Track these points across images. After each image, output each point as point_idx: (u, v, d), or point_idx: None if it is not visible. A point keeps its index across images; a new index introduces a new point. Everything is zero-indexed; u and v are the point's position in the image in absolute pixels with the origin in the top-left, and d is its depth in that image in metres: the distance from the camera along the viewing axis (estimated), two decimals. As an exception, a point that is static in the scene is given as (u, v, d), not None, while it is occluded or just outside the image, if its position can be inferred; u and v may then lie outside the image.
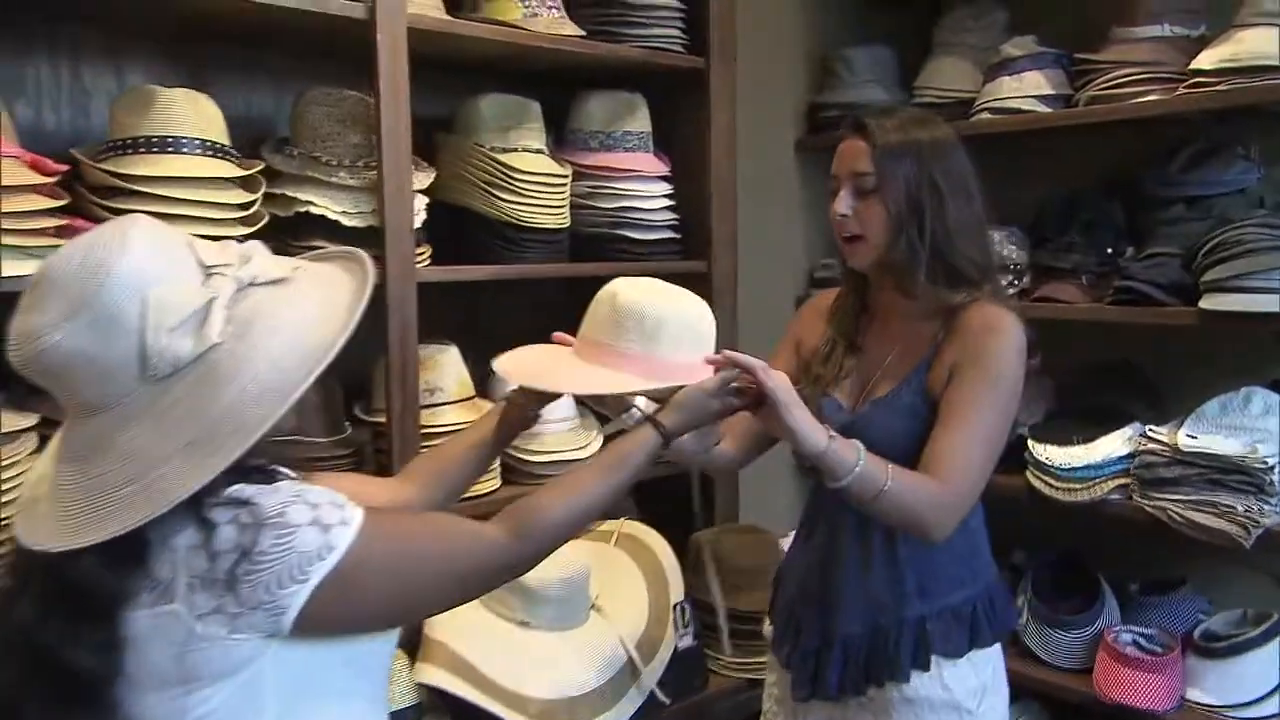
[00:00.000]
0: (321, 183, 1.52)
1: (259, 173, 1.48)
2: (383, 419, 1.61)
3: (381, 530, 0.92)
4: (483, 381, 1.82)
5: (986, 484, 1.30)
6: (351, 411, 1.69)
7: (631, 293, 1.18)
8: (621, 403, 1.25)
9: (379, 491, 1.15)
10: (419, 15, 1.55)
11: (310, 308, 0.91)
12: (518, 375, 1.22)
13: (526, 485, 1.76)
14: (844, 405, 1.39)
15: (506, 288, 1.88)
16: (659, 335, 1.16)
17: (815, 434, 1.19)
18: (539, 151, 1.82)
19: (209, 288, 0.87)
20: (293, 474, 0.97)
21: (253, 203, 1.44)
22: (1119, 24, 2.02)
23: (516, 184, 1.74)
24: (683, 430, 1.15)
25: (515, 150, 1.78)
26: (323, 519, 0.87)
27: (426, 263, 1.65)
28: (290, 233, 1.51)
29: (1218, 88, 1.81)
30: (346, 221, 1.52)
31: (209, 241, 0.93)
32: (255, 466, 0.91)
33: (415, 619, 1.39)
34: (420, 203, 1.62)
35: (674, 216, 1.99)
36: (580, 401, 1.83)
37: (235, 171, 1.43)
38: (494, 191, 1.74)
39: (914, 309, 1.36)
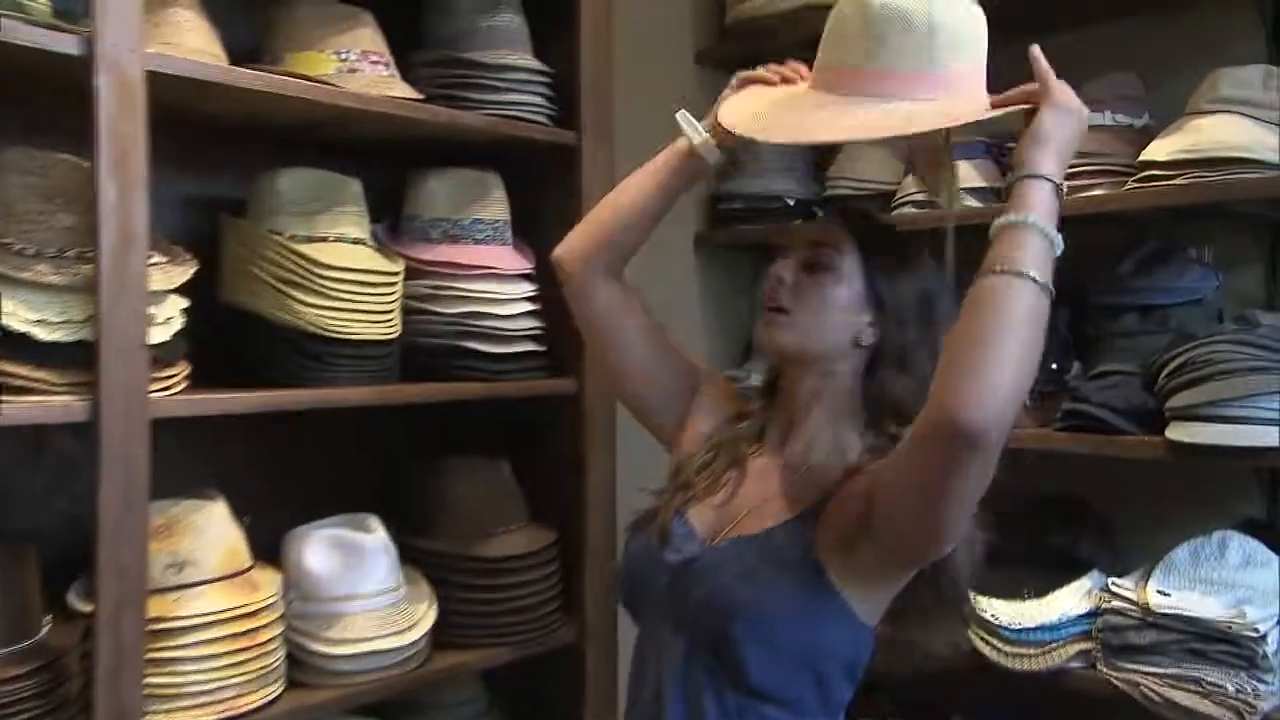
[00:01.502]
0: (11, 280, 1.08)
1: (-90, 264, 1.04)
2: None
3: None
4: (271, 543, 1.37)
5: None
6: (61, 601, 1.20)
7: None
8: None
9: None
10: (164, 55, 1.14)
11: None
12: (752, 126, 1.04)
13: (321, 690, 1.30)
14: (698, 533, 1.07)
15: (319, 416, 1.45)
16: (936, 41, 0.96)
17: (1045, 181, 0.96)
18: (358, 242, 1.43)
19: None
20: None
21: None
22: (1054, 110, 1.78)
23: (320, 283, 1.34)
24: None
25: (324, 240, 1.38)
26: None
27: (179, 387, 1.20)
28: (-42, 350, 1.06)
29: (1175, 181, 1.56)
30: (43, 335, 1.07)
31: None
32: None
33: None
34: (173, 306, 1.19)
35: (536, 324, 1.60)
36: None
37: None
38: (290, 292, 1.33)
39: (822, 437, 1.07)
